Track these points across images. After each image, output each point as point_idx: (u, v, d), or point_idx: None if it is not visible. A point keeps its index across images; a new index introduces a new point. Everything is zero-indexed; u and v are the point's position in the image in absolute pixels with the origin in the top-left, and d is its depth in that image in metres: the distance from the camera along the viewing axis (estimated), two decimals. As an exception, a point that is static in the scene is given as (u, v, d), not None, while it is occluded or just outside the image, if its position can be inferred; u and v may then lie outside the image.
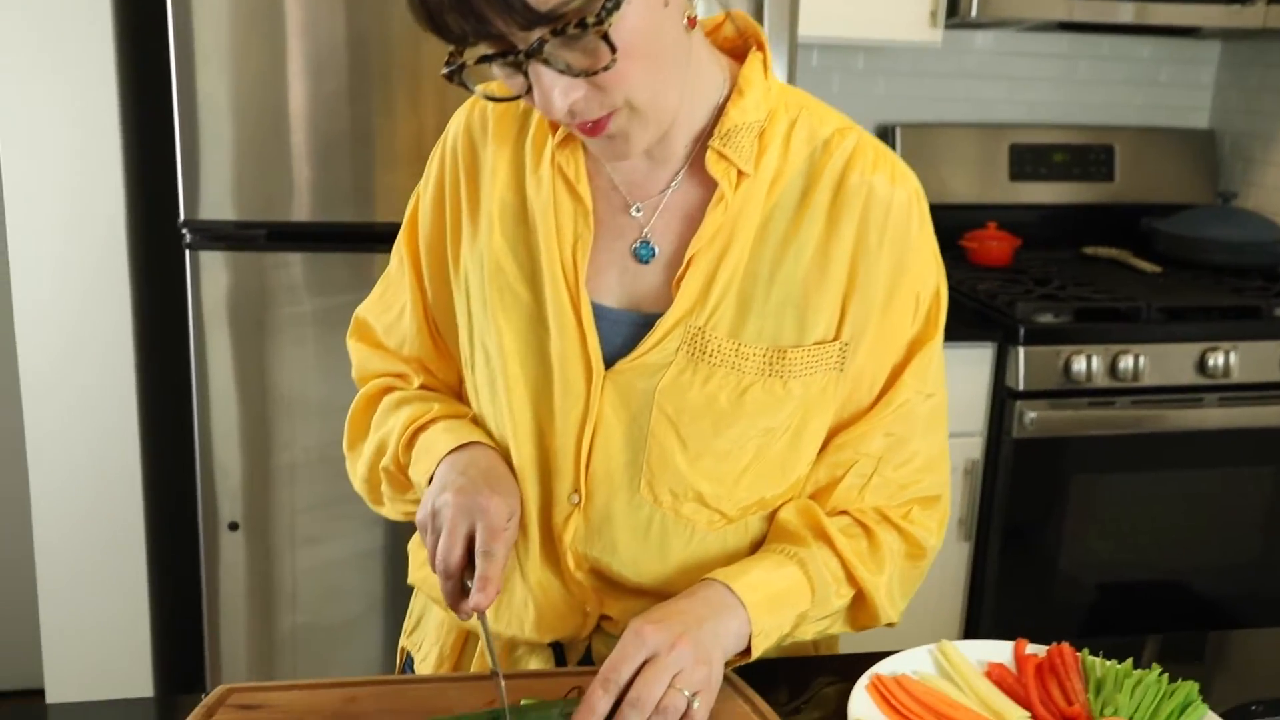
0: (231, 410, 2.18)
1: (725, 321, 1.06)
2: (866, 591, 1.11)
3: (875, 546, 1.13)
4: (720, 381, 1.07)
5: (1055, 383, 2.51)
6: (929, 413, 1.15)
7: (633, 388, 1.08)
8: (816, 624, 1.11)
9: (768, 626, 1.04)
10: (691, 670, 0.95)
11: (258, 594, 2.26)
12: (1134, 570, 2.69)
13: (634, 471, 1.09)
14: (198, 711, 0.99)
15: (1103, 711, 1.05)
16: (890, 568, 1.13)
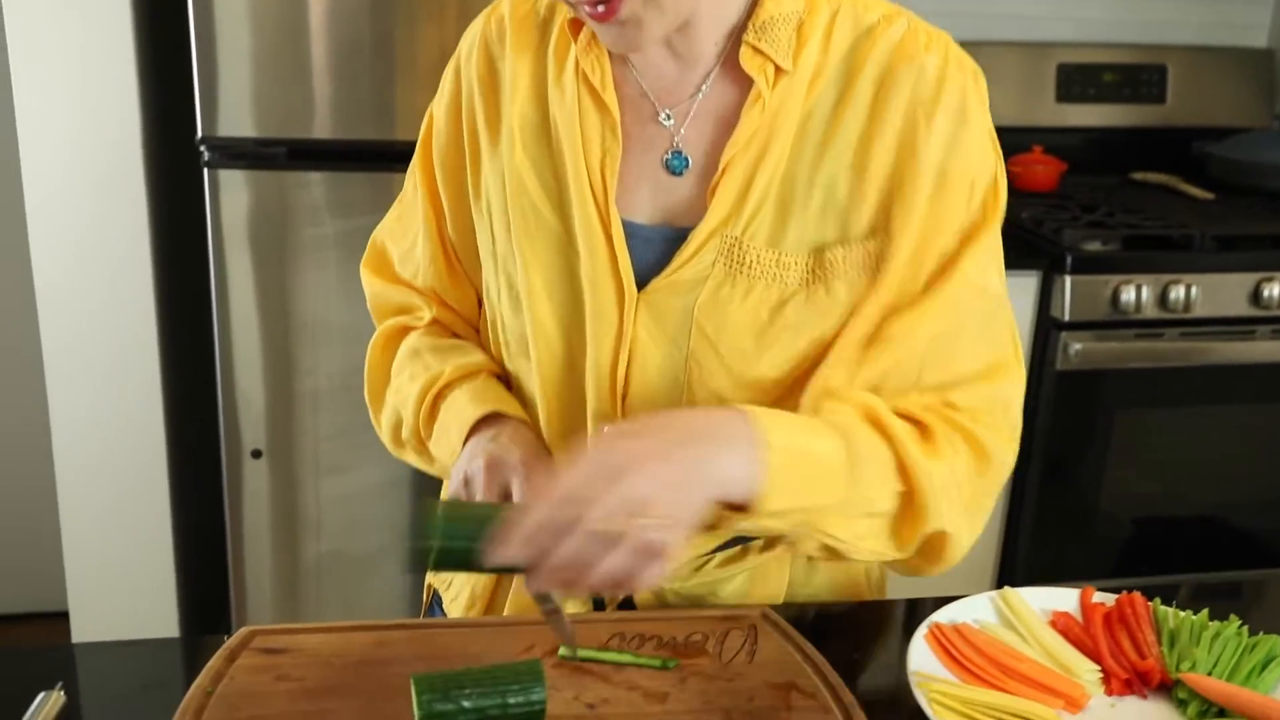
0: (253, 336, 2.12)
1: (764, 230, 0.99)
2: (915, 478, 0.96)
3: (927, 435, 0.99)
4: (761, 295, 0.99)
5: (1102, 313, 2.43)
6: (984, 311, 1.03)
7: (668, 307, 1.01)
8: (852, 521, 0.96)
9: (785, 483, 0.88)
10: (655, 496, 0.82)
11: (282, 522, 2.22)
12: (1174, 506, 2.63)
13: (674, 399, 1.03)
14: (220, 655, 0.94)
15: (1179, 666, 0.99)
16: (951, 461, 0.99)
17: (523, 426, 1.06)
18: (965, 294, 1.01)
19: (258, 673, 0.92)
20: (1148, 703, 0.98)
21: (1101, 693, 0.98)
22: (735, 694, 0.93)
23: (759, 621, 1.03)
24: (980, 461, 1.01)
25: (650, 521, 0.81)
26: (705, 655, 0.97)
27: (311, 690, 0.90)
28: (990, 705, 0.92)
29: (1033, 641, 1.03)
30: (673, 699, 0.92)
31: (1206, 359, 2.49)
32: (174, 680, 0.93)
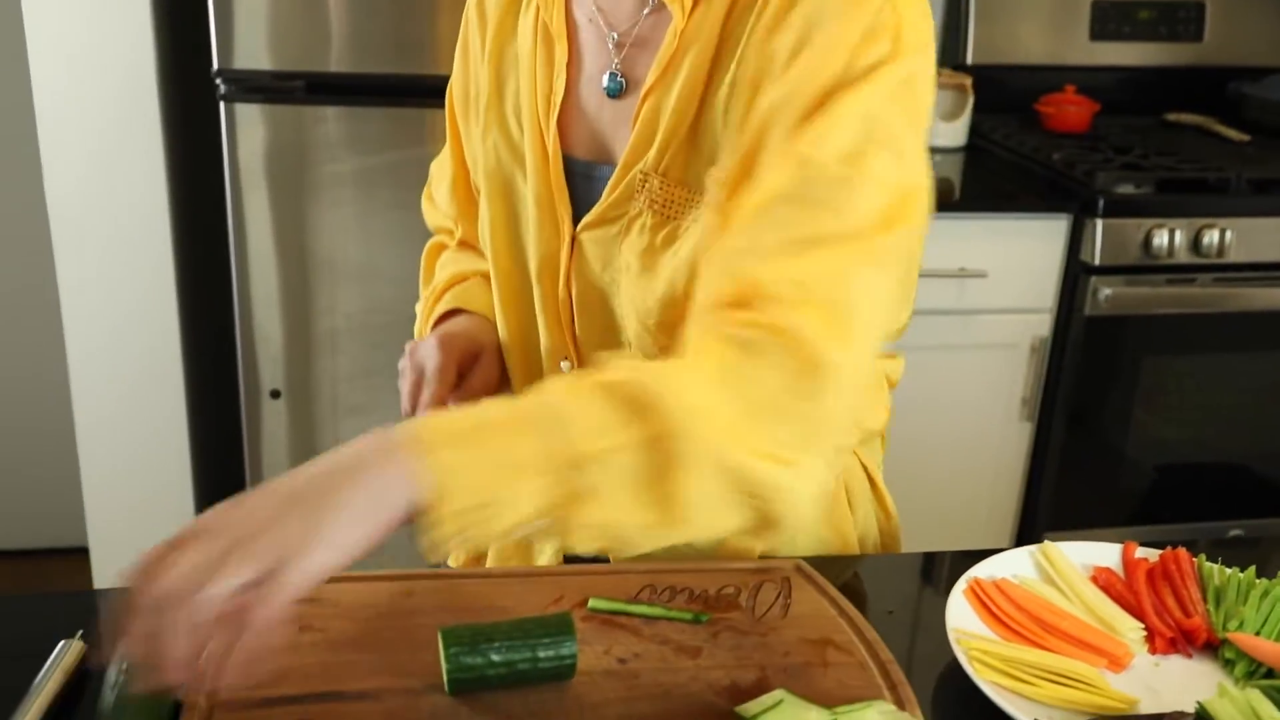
0: (271, 274, 2.09)
1: (677, 166, 0.95)
2: (658, 406, 0.75)
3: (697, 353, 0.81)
4: (683, 233, 0.95)
5: (1133, 258, 2.38)
6: (808, 178, 0.81)
7: (600, 245, 1.00)
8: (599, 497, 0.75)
9: (451, 461, 0.72)
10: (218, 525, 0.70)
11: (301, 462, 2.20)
12: (1200, 454, 2.60)
13: (617, 330, 1.03)
14: (241, 604, 0.91)
15: (1226, 625, 0.96)
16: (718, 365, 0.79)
17: (470, 318, 1.12)
18: (822, 162, 0.82)
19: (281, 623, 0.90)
20: (1193, 662, 0.95)
21: (1145, 651, 0.96)
22: (769, 649, 0.90)
23: (792, 574, 1.00)
24: (798, 361, 0.78)
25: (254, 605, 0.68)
26: (738, 609, 0.95)
27: (335, 642, 0.88)
28: (1032, 664, 0.90)
29: (1074, 598, 1.00)
30: (705, 654, 0.89)
31: (1238, 305, 2.45)
32: (196, 628, 0.91)
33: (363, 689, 0.83)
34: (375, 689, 0.83)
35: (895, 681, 0.87)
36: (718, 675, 0.87)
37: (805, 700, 0.82)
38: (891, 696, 0.85)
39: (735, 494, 0.78)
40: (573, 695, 0.84)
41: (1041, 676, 0.89)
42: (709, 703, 0.84)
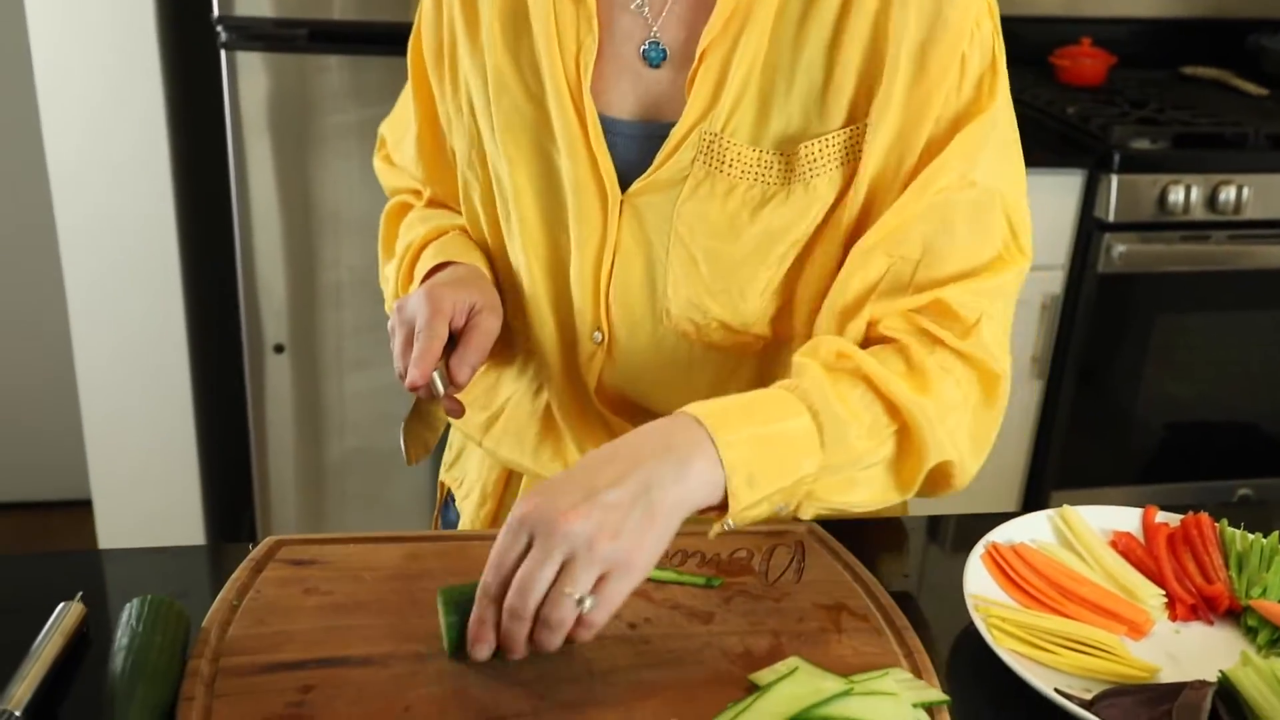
0: (274, 227, 2.06)
1: (746, 124, 0.92)
2: (910, 416, 0.87)
3: (914, 362, 0.90)
4: (742, 197, 0.93)
5: (1148, 214, 2.35)
6: (973, 203, 0.92)
7: (650, 210, 0.96)
8: (847, 482, 0.87)
9: (753, 471, 0.80)
10: (588, 550, 0.74)
11: (305, 418, 2.19)
12: (1210, 413, 2.59)
13: (655, 302, 0.99)
14: (245, 566, 0.90)
15: (1248, 592, 0.94)
16: (942, 387, 0.90)
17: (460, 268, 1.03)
18: (955, 185, 0.91)
19: (285, 585, 0.88)
20: (1214, 630, 0.93)
21: (1165, 618, 0.94)
22: (783, 615, 0.88)
23: (806, 538, 0.98)
24: (985, 380, 0.93)
25: (577, 594, 0.75)
26: (750, 573, 0.93)
27: (340, 605, 0.86)
28: (1052, 631, 0.88)
29: (1093, 563, 0.98)
30: (717, 619, 0.88)
31: (1253, 263, 2.41)
32: (197, 589, 0.90)
33: (367, 654, 0.81)
34: (380, 654, 0.81)
35: (912, 649, 0.85)
36: (731, 641, 0.85)
37: (820, 669, 0.81)
38: (908, 664, 0.84)
39: (941, 479, 0.92)
40: (581, 660, 0.82)
41: (1061, 644, 0.87)
42: (722, 669, 0.82)
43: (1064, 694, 0.81)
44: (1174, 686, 0.83)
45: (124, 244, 2.14)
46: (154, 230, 2.14)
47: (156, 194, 2.12)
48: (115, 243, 2.14)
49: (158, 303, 2.19)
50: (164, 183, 2.12)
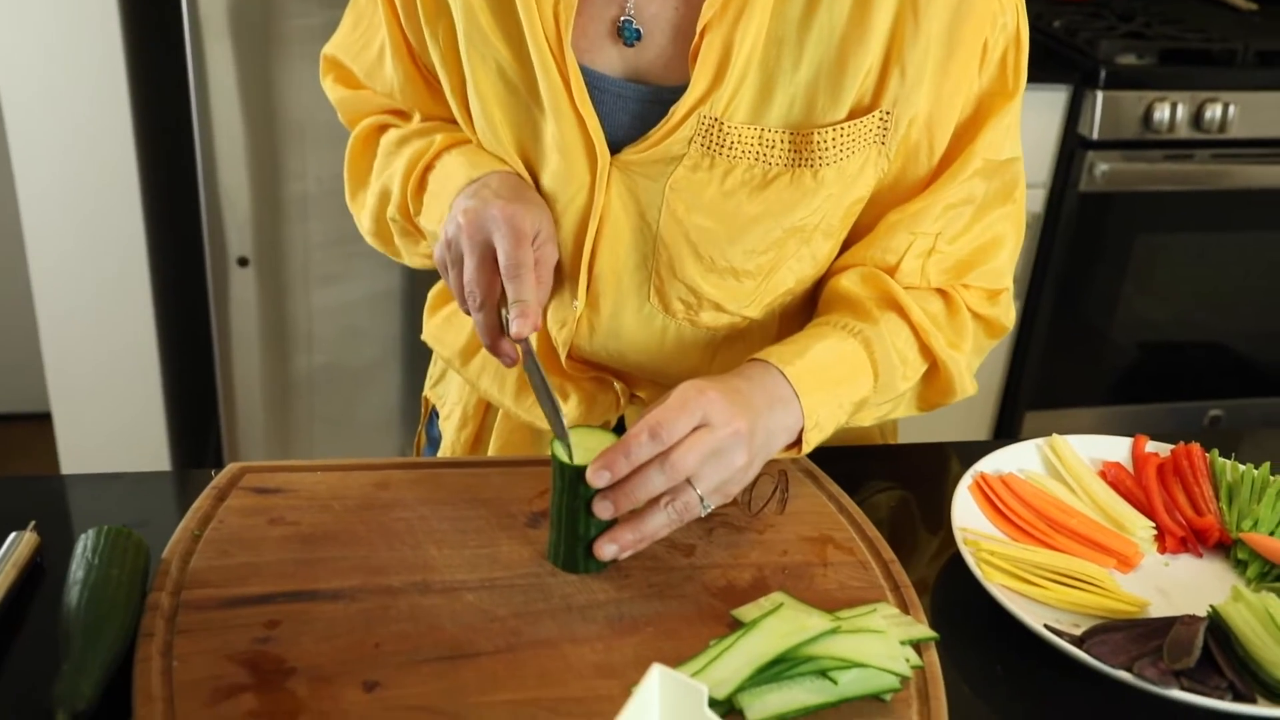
0: (236, 135, 1.99)
1: (745, 104, 0.86)
2: (944, 366, 0.95)
3: (954, 311, 0.96)
4: (741, 177, 0.88)
5: (1132, 132, 2.31)
6: (1002, 184, 0.95)
7: (642, 180, 0.90)
8: (878, 409, 0.96)
9: (823, 418, 0.88)
10: (730, 462, 0.81)
11: (271, 334, 2.13)
12: (1185, 335, 2.59)
13: (642, 277, 0.94)
14: (207, 494, 0.86)
15: (1239, 525, 0.92)
16: (971, 341, 0.97)
17: (510, 175, 0.93)
18: (984, 170, 0.93)
19: (249, 515, 0.85)
20: (1203, 562, 0.92)
21: (1154, 551, 0.92)
22: (766, 547, 0.86)
23: (789, 467, 0.95)
24: (992, 332, 1.00)
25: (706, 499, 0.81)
26: (733, 504, 0.90)
27: (308, 536, 0.83)
28: (1040, 565, 0.86)
29: (1082, 494, 0.96)
30: (699, 552, 0.85)
31: (1236, 183, 2.39)
32: (158, 518, 0.86)
33: (336, 588, 0.78)
34: (350, 588, 0.78)
35: (899, 583, 0.83)
36: (713, 575, 0.82)
37: (805, 604, 0.78)
38: (895, 599, 0.81)
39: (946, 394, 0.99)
40: (560, 596, 0.79)
41: (1049, 578, 0.85)
42: (704, 604, 0.80)
43: (1053, 630, 0.79)
44: (1164, 621, 0.81)
45: (78, 151, 2.06)
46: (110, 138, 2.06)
47: (112, 99, 2.04)
48: (69, 150, 2.06)
49: (116, 214, 2.11)
50: (120, 87, 2.04)
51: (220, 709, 0.68)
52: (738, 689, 0.70)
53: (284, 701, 0.69)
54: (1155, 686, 0.74)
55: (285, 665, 0.71)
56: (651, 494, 0.78)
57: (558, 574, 0.81)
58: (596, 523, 0.79)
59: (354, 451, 2.25)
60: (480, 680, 0.71)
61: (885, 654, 0.73)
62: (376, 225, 1.04)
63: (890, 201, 0.94)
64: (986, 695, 0.77)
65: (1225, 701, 0.74)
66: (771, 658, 0.72)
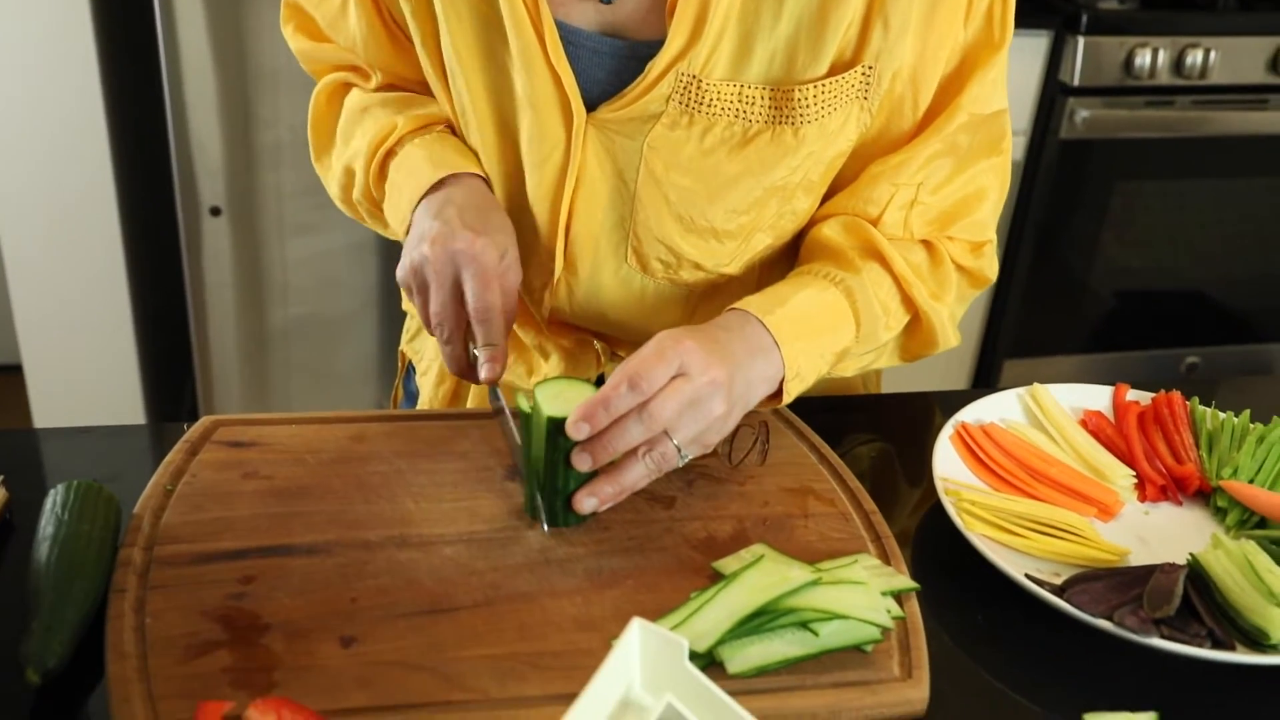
0: (207, 81, 1.95)
1: (724, 60, 0.84)
2: (926, 317, 0.94)
3: (937, 262, 0.95)
4: (721, 135, 0.87)
5: (1113, 78, 2.30)
6: (988, 136, 0.93)
7: (618, 138, 0.88)
8: (860, 359, 0.94)
9: (804, 369, 0.86)
10: (708, 411, 0.79)
11: (245, 284, 2.11)
12: (1162, 283, 2.60)
13: (620, 237, 0.92)
14: (180, 448, 0.85)
15: (1219, 472, 0.92)
16: (953, 293, 0.96)
17: (475, 188, 0.92)
18: (970, 124, 0.91)
19: (223, 469, 0.84)
20: (1183, 510, 0.92)
21: (1135, 499, 0.92)
22: (747, 499, 0.85)
23: (770, 418, 0.95)
24: (975, 283, 0.99)
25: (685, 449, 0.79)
26: (713, 455, 0.89)
27: (282, 490, 0.82)
28: (1022, 514, 0.86)
29: (1063, 443, 0.96)
30: (680, 504, 0.84)
31: (1216, 129, 2.39)
32: (129, 472, 0.85)
33: (312, 542, 0.77)
34: (325, 542, 0.77)
35: (880, 534, 0.82)
36: (693, 527, 0.82)
37: (786, 556, 0.78)
38: (876, 550, 0.81)
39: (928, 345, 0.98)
40: (539, 549, 0.78)
41: (1030, 527, 0.85)
42: (684, 557, 0.79)
43: (1034, 580, 0.79)
44: (1144, 570, 0.81)
45: (44, 100, 2.02)
46: (77, 86, 2.02)
47: (79, 45, 2.00)
48: (35, 99, 2.02)
49: (84, 163, 2.08)
50: (86, 32, 1.99)
51: (194, 665, 0.67)
52: (718, 642, 0.70)
53: (259, 657, 0.68)
54: (1136, 635, 0.74)
55: (260, 621, 0.71)
56: (630, 445, 0.77)
57: (536, 527, 0.80)
58: (575, 475, 0.78)
59: (332, 404, 2.24)
60: (459, 634, 0.71)
61: (866, 605, 0.73)
62: (344, 198, 1.03)
63: (873, 155, 0.93)
64: (967, 645, 0.77)
65: (1204, 649, 0.74)
66: (752, 610, 0.71)
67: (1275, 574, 0.77)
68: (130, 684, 0.65)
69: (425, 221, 0.88)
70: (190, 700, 0.64)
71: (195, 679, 0.66)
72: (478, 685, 0.67)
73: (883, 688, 0.70)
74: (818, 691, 0.69)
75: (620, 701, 0.60)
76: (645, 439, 0.77)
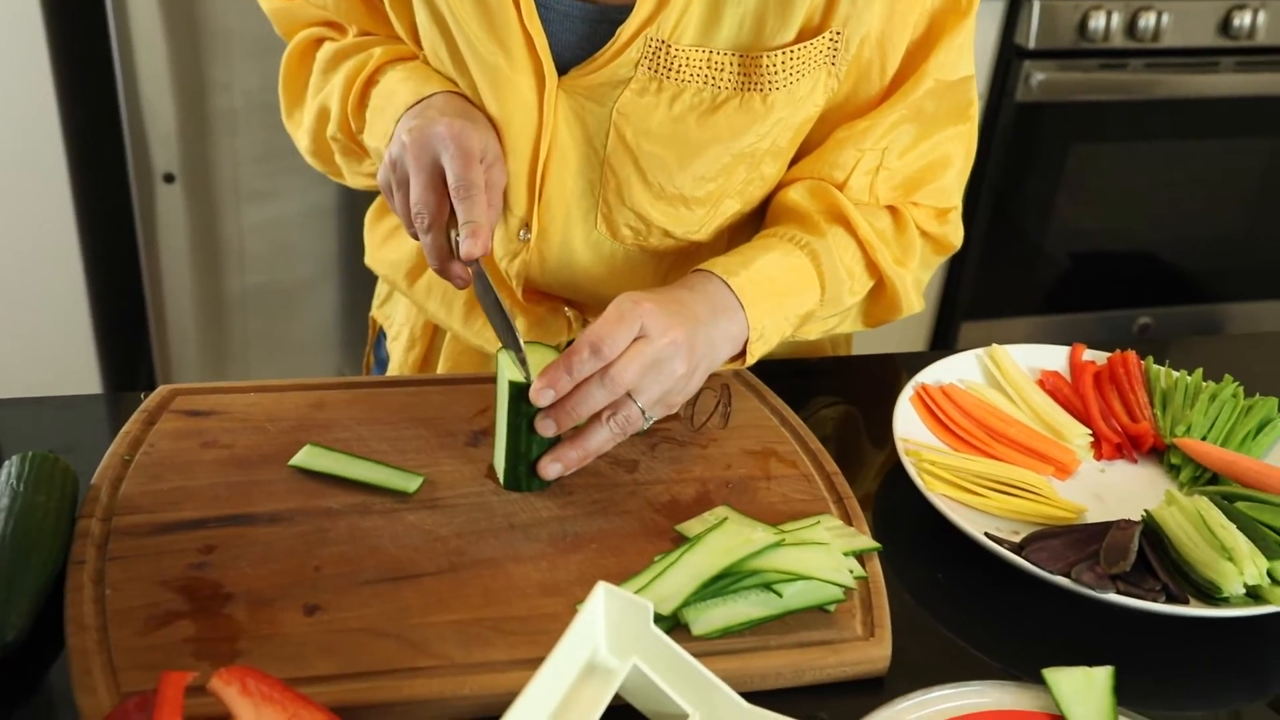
0: (157, 45, 1.91)
1: (693, 25, 0.84)
2: (890, 282, 0.94)
3: (902, 228, 0.95)
4: (690, 101, 0.86)
5: (1068, 41, 2.31)
6: (954, 104, 0.94)
7: (589, 104, 0.88)
8: (824, 322, 0.95)
9: (767, 330, 0.87)
10: (670, 372, 0.79)
11: (202, 253, 2.08)
12: (1115, 244, 2.62)
13: (589, 204, 0.92)
14: (137, 418, 0.84)
15: (1173, 430, 0.94)
16: (918, 259, 0.97)
17: (453, 95, 0.90)
18: (936, 90, 0.92)
19: (181, 438, 0.83)
20: (1138, 468, 0.93)
21: (1091, 458, 0.94)
22: (710, 462, 0.86)
23: (732, 381, 0.95)
24: (940, 250, 1.00)
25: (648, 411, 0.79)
26: (676, 419, 0.90)
27: (242, 458, 0.81)
28: (980, 474, 0.87)
29: (1021, 403, 0.97)
30: (642, 468, 0.84)
31: (1169, 92, 2.41)
32: (86, 443, 0.84)
33: (273, 511, 0.77)
34: (287, 511, 0.77)
35: (842, 495, 0.83)
36: (656, 490, 0.82)
37: (749, 518, 0.78)
38: (838, 511, 0.82)
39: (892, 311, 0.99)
40: (503, 515, 0.78)
41: (990, 487, 0.86)
42: (648, 520, 0.79)
43: (994, 538, 0.80)
44: (1100, 526, 0.82)
45: (-8, 64, 1.98)
46: (23, 50, 1.98)
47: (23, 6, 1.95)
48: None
49: (33, 129, 2.03)
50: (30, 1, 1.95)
51: (156, 636, 0.66)
52: (683, 604, 0.70)
53: (222, 627, 0.68)
54: (1093, 590, 0.75)
55: (223, 590, 0.70)
56: (593, 409, 0.78)
57: (500, 493, 0.80)
58: (539, 440, 0.78)
59: (291, 372, 2.22)
60: (423, 601, 0.71)
61: (829, 566, 0.74)
62: (315, 144, 1.01)
63: (840, 120, 0.93)
64: (929, 603, 0.78)
65: (1159, 603, 0.75)
66: (716, 572, 0.72)
67: (1227, 529, 0.78)
68: (91, 656, 0.64)
69: (406, 122, 0.86)
70: (152, 671, 0.63)
71: (157, 650, 0.66)
72: (443, 651, 0.67)
73: (845, 647, 0.70)
74: (781, 652, 0.69)
75: (586, 665, 0.60)
76: (609, 402, 0.77)
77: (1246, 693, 0.74)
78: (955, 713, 0.68)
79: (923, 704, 0.68)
